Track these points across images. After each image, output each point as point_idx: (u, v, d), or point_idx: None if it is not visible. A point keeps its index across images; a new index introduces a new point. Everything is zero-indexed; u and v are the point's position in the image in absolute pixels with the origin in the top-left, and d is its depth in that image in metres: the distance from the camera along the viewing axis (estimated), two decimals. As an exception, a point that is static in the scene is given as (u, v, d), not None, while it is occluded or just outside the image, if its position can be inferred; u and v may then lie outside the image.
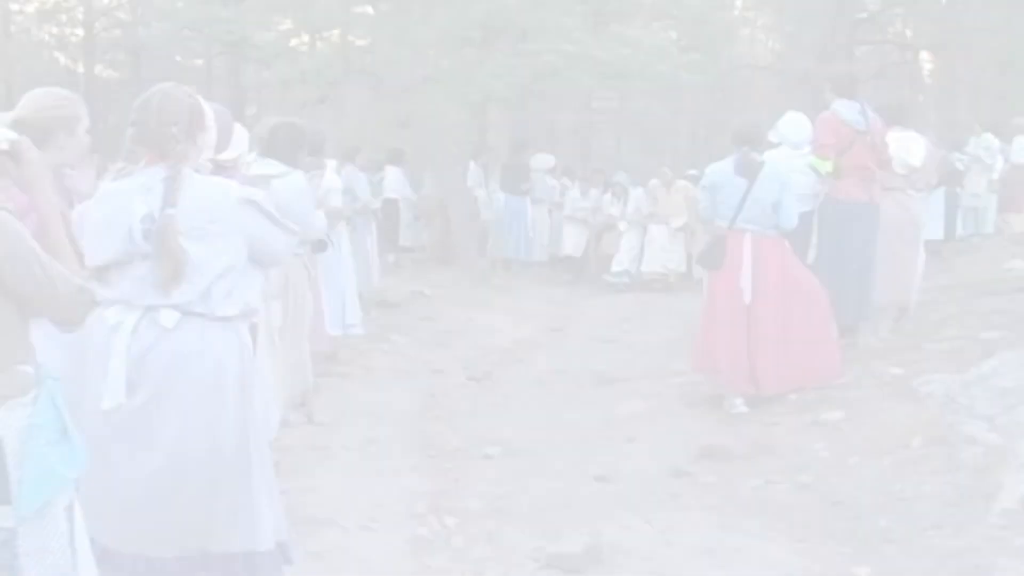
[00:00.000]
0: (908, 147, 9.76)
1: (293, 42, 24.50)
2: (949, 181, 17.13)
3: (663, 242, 18.24)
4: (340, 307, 9.71)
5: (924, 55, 33.40)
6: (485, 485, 7.16)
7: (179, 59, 33.26)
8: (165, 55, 31.94)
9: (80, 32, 31.20)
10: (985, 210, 17.87)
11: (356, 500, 6.54)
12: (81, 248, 3.73)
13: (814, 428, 7.78)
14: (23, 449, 3.18)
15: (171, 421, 4.10)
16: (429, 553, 5.85)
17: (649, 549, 5.70)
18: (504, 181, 19.57)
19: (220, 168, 5.57)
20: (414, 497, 6.80)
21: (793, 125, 10.01)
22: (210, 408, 4.21)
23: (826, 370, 8.67)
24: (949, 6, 28.32)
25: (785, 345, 8.58)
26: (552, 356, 11.88)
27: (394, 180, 18.36)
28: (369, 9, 21.70)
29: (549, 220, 20.07)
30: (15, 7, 30.09)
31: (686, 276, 17.54)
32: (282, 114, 9.54)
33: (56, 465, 3.23)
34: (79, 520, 3.39)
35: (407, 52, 18.04)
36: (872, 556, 5.53)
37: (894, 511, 6.09)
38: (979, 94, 29.55)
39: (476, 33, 19.15)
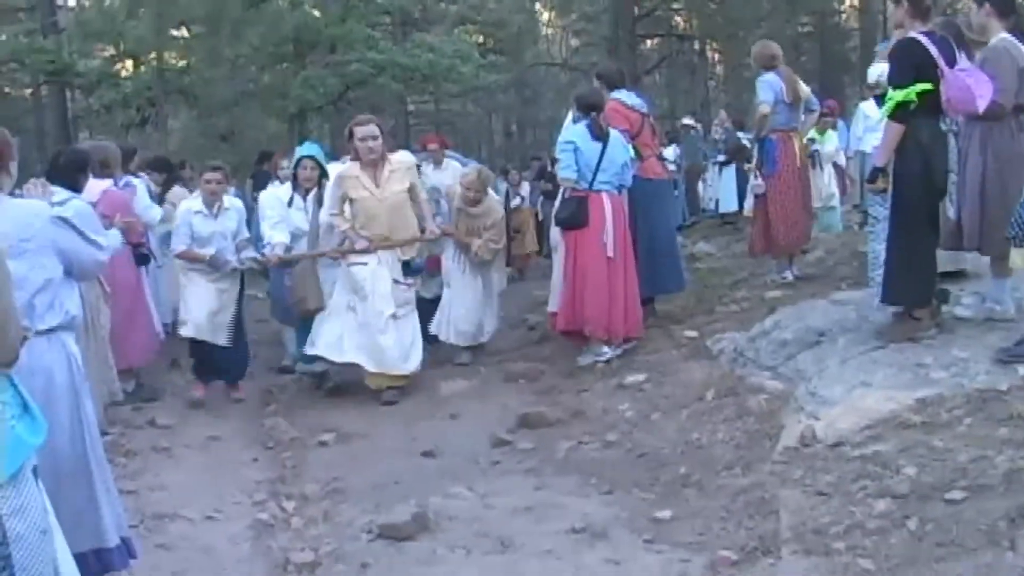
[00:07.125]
0: None
1: (118, 67, 24.05)
2: (738, 158, 17.72)
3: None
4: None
5: (712, 45, 34.44)
6: (320, 470, 7.24)
7: (8, 90, 32.40)
8: (-7, 87, 31.17)
9: (-92, 68, 30.23)
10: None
11: (200, 494, 6.60)
12: None
13: (620, 391, 8.05)
14: None
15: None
16: (270, 536, 5.93)
17: (472, 513, 5.86)
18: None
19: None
20: (255, 486, 6.88)
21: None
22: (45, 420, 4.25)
23: (641, 322, 9.06)
24: (720, 1, 29.29)
25: (633, 295, 8.92)
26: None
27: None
28: (183, 31, 21.45)
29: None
30: None
31: None
32: (110, 137, 9.46)
33: (24, 435, 3.40)
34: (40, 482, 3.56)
35: (222, 70, 17.97)
36: (673, 500, 5.79)
37: (692, 458, 6.38)
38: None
39: (288, 48, 19.14)
